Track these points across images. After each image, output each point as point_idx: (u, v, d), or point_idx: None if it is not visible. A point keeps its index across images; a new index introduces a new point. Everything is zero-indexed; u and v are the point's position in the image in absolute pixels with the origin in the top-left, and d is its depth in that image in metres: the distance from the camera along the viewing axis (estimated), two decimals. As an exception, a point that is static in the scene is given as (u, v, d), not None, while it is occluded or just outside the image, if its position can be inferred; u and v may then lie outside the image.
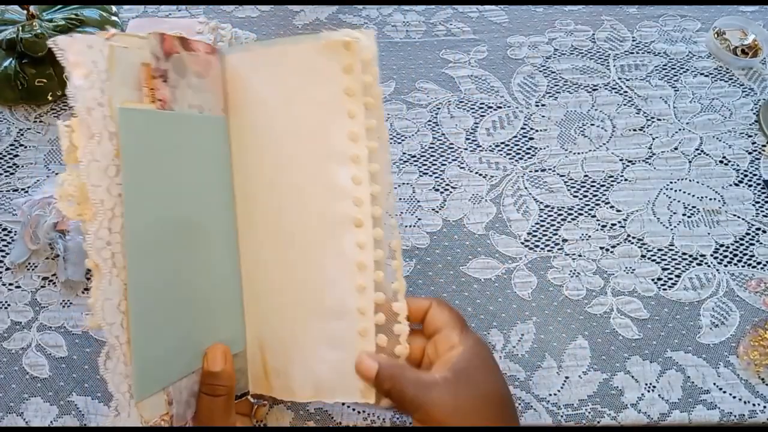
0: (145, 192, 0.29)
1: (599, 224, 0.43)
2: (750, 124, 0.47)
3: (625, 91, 0.49)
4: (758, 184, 0.45)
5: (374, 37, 0.30)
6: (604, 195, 0.44)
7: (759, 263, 0.41)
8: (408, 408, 0.29)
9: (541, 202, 0.44)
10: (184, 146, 0.31)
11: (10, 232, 0.43)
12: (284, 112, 0.32)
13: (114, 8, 0.52)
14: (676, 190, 0.44)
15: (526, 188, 0.45)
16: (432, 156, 0.46)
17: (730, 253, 0.42)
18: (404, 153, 0.46)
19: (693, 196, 0.44)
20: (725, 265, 0.41)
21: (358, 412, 0.37)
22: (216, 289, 0.33)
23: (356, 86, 0.30)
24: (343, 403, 0.37)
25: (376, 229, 0.31)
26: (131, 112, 0.28)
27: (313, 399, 0.32)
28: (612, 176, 0.45)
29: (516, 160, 0.46)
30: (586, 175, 0.45)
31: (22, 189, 0.45)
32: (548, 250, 0.42)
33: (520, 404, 0.37)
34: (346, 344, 0.31)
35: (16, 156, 0.46)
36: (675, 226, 0.43)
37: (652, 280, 0.41)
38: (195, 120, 0.32)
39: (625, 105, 0.48)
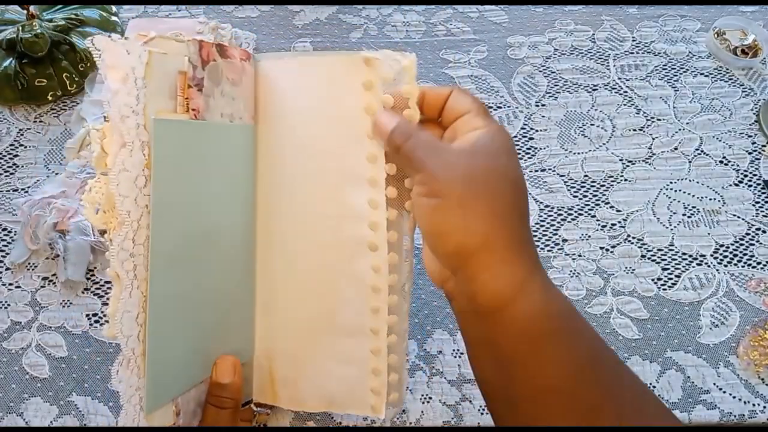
0: (173, 204, 0.29)
1: (599, 224, 0.43)
2: (750, 124, 0.47)
3: (625, 91, 0.49)
4: (758, 185, 0.45)
5: (414, 61, 0.28)
6: (604, 195, 0.44)
7: (759, 263, 0.41)
8: (414, 166, 0.26)
9: (541, 202, 0.44)
10: (214, 156, 0.31)
11: (10, 232, 0.43)
12: (307, 126, 0.32)
13: (114, 8, 0.53)
14: (676, 190, 0.44)
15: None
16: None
17: (730, 253, 0.42)
18: (404, 153, 0.46)
19: (693, 196, 0.44)
20: (725, 265, 0.41)
21: (358, 412, 0.37)
22: (231, 298, 0.32)
23: (376, 105, 0.29)
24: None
25: (391, 254, 0.30)
26: (166, 123, 0.28)
27: (321, 410, 0.33)
28: (612, 176, 0.45)
29: (516, 160, 0.46)
30: (586, 175, 0.45)
31: (22, 189, 0.45)
32: (548, 250, 0.42)
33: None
34: (358, 361, 0.31)
35: (16, 156, 0.46)
36: (675, 226, 0.43)
37: (652, 280, 0.41)
38: (226, 129, 0.31)
39: (625, 105, 0.48)
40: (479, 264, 0.24)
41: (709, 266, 0.41)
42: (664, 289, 0.41)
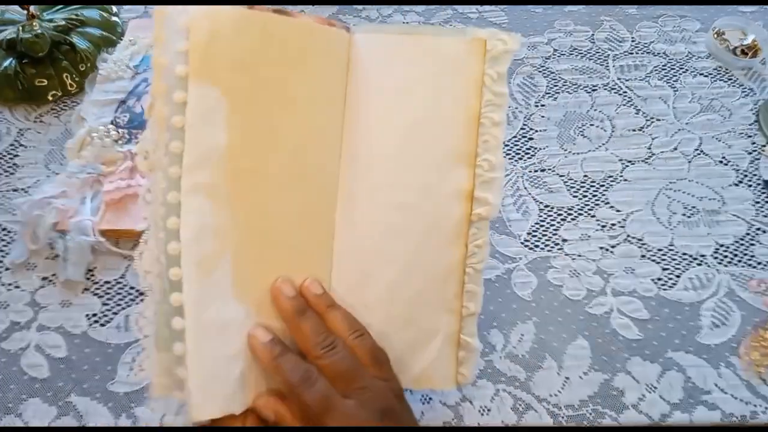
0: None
1: (599, 224, 0.43)
2: (749, 125, 0.47)
3: (625, 92, 0.49)
4: (758, 184, 0.45)
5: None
6: (604, 195, 0.44)
7: (759, 263, 0.41)
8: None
9: (541, 202, 0.44)
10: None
11: (9, 232, 0.43)
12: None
13: (114, 8, 0.53)
14: (675, 190, 0.44)
15: (525, 188, 0.45)
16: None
17: (730, 253, 0.42)
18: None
19: (693, 196, 0.44)
20: (725, 266, 0.41)
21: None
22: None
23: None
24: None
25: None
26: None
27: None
28: (611, 176, 0.45)
29: (516, 161, 0.46)
30: (585, 175, 0.45)
31: (22, 189, 0.45)
32: (548, 250, 0.42)
33: (520, 405, 0.37)
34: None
35: (16, 156, 0.46)
36: (675, 226, 0.43)
37: (652, 280, 0.41)
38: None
39: (624, 105, 0.48)
40: None
41: (709, 266, 0.41)
42: (665, 290, 0.40)
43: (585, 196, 0.44)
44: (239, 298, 0.29)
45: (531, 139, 0.47)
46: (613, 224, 0.43)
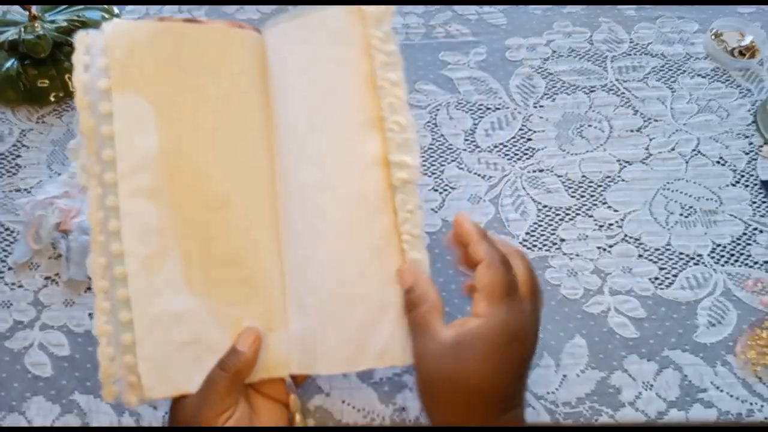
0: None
1: (597, 224, 0.43)
2: (747, 125, 0.48)
3: (623, 93, 0.49)
4: (755, 185, 0.45)
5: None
6: (602, 195, 0.45)
7: (756, 263, 0.42)
8: (411, 336, 0.30)
9: (539, 203, 0.44)
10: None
11: (12, 232, 0.43)
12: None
13: (116, 9, 0.53)
14: (673, 191, 0.45)
15: (524, 188, 0.45)
16: (431, 157, 0.47)
17: (727, 252, 0.42)
18: (403, 153, 0.47)
19: (690, 196, 0.44)
20: (722, 265, 0.42)
21: (358, 410, 0.37)
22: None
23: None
24: (343, 401, 0.37)
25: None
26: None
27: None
28: (609, 177, 0.45)
29: (514, 161, 0.46)
30: (583, 176, 0.46)
31: (25, 189, 0.45)
32: (546, 250, 0.42)
33: (518, 403, 0.37)
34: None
35: (19, 156, 0.47)
36: (672, 226, 0.43)
37: (650, 279, 0.41)
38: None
39: (622, 106, 0.49)
40: None
41: (706, 266, 0.42)
42: (662, 289, 0.41)
43: (583, 197, 0.45)
44: (192, 290, 0.31)
45: (529, 139, 0.47)
46: (611, 224, 0.43)
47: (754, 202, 0.44)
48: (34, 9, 0.49)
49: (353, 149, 0.31)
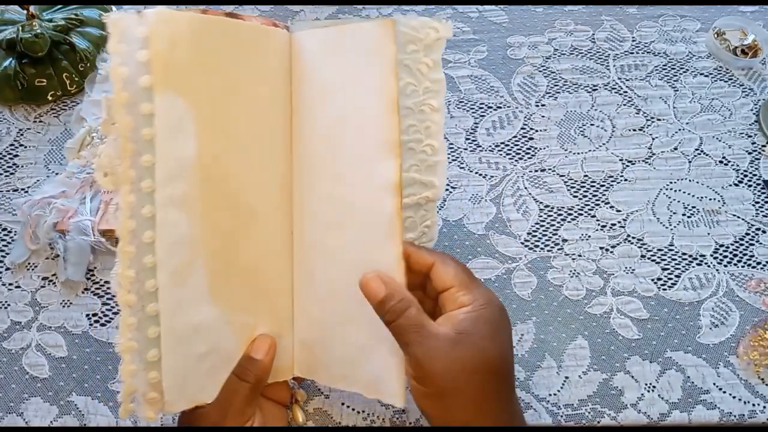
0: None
1: (599, 224, 0.43)
2: (750, 125, 0.47)
3: (625, 91, 0.49)
4: (758, 184, 0.45)
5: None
6: (604, 195, 0.44)
7: (759, 263, 0.41)
8: (402, 347, 0.28)
9: (541, 202, 0.44)
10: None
11: (10, 232, 0.43)
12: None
13: (114, 8, 0.53)
14: (675, 190, 0.44)
15: (525, 188, 0.45)
16: (432, 156, 0.46)
17: (730, 253, 0.42)
18: (404, 153, 0.46)
19: (693, 196, 0.44)
20: (725, 265, 0.41)
21: (358, 412, 0.37)
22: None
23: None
24: (343, 403, 0.37)
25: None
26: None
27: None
28: (612, 176, 0.45)
29: (516, 160, 0.46)
30: (585, 175, 0.45)
31: (22, 189, 0.45)
32: (548, 250, 0.42)
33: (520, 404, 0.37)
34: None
35: (16, 156, 0.46)
36: (675, 226, 0.43)
37: (652, 280, 0.41)
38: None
39: (624, 105, 0.48)
40: None
41: (708, 266, 0.41)
42: (664, 289, 0.41)
43: (585, 196, 0.44)
44: (214, 301, 0.30)
45: (531, 138, 0.47)
46: (613, 224, 0.43)
47: (757, 202, 0.44)
48: (32, 8, 0.48)
49: (371, 170, 0.31)
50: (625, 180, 0.45)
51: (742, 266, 0.41)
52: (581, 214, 0.44)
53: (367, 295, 0.29)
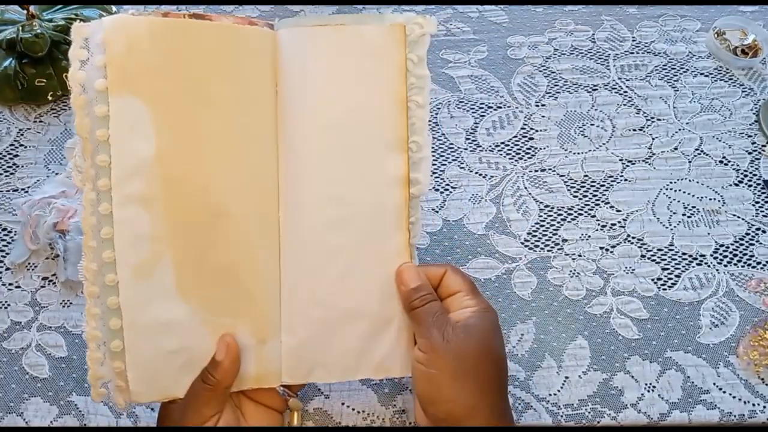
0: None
1: (599, 224, 0.43)
2: (750, 124, 0.47)
3: (625, 91, 0.49)
4: (758, 184, 0.45)
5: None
6: (604, 195, 0.44)
7: (759, 263, 0.41)
8: (420, 331, 0.30)
9: (541, 202, 0.44)
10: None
11: (10, 232, 0.43)
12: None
13: (114, 8, 0.53)
14: (675, 190, 0.44)
15: (525, 188, 0.45)
16: (432, 156, 0.46)
17: (730, 253, 0.42)
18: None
19: (693, 196, 0.44)
20: (725, 265, 0.41)
21: (358, 412, 0.37)
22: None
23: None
24: (343, 403, 0.37)
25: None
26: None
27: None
28: (612, 176, 0.45)
29: (516, 160, 0.46)
30: (585, 175, 0.45)
31: (22, 189, 0.45)
32: (548, 250, 0.42)
33: (519, 404, 0.37)
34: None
35: (16, 156, 0.46)
36: (675, 226, 0.43)
37: (652, 280, 0.41)
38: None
39: (625, 105, 0.48)
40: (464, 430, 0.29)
41: (709, 266, 0.41)
42: (664, 289, 0.41)
43: (585, 196, 0.44)
44: (184, 298, 0.30)
45: (531, 138, 0.47)
46: (613, 224, 0.43)
47: (757, 202, 0.44)
48: (32, 8, 0.48)
49: (377, 167, 0.32)
50: (625, 180, 0.45)
51: (742, 266, 0.41)
52: (581, 214, 0.44)
53: (401, 280, 0.32)
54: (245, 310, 0.32)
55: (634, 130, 0.47)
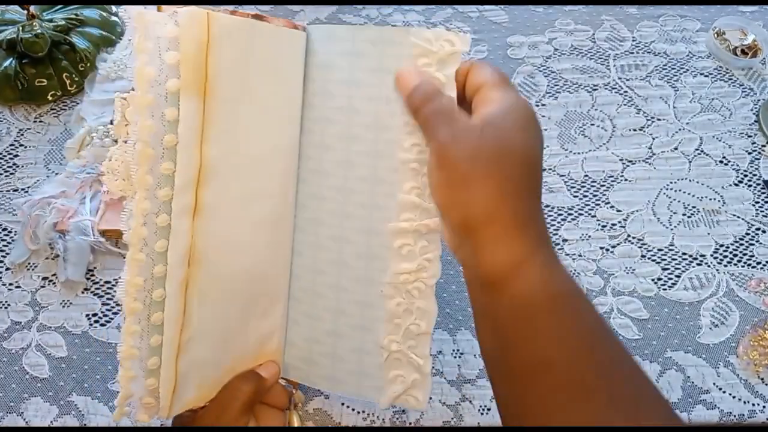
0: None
1: (599, 224, 0.43)
2: (750, 124, 0.47)
3: (625, 91, 0.49)
4: (758, 184, 0.45)
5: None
6: (604, 195, 0.44)
7: (759, 263, 0.41)
8: (428, 133, 0.27)
9: (542, 202, 0.44)
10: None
11: (10, 232, 0.43)
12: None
13: (114, 8, 0.53)
14: (676, 190, 0.44)
15: (526, 188, 0.45)
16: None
17: (730, 253, 0.42)
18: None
19: (693, 196, 0.44)
20: (725, 265, 0.41)
21: (358, 412, 0.37)
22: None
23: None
24: (343, 403, 0.37)
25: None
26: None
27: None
28: (612, 176, 0.45)
29: (516, 160, 0.46)
30: (586, 175, 0.45)
31: (22, 189, 0.45)
32: (548, 250, 0.42)
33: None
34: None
35: (16, 156, 0.46)
36: (675, 226, 0.43)
37: (652, 280, 0.41)
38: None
39: (625, 105, 0.48)
40: (483, 238, 0.25)
41: (709, 266, 0.41)
42: (664, 289, 0.41)
43: (585, 196, 0.44)
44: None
45: (531, 138, 0.47)
46: (614, 224, 0.43)
47: (757, 202, 0.44)
48: (32, 8, 0.48)
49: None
50: (626, 180, 0.45)
51: (742, 266, 0.41)
52: (581, 214, 0.44)
53: (400, 86, 0.28)
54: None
55: (634, 130, 0.47)
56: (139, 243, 0.27)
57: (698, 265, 0.41)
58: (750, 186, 0.44)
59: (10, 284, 0.41)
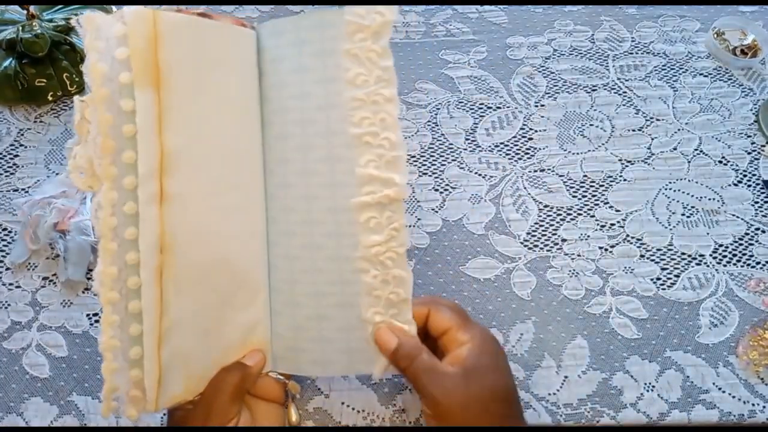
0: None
1: (598, 224, 0.43)
2: (749, 125, 0.47)
3: (624, 92, 0.49)
4: (757, 184, 0.45)
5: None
6: (603, 195, 0.44)
7: (758, 263, 0.41)
8: (418, 391, 0.30)
9: (541, 202, 0.44)
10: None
11: (10, 232, 0.43)
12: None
13: (114, 8, 0.53)
14: (675, 190, 0.45)
15: (525, 188, 0.45)
16: (431, 156, 0.46)
17: (729, 253, 0.42)
18: (404, 153, 0.46)
19: (692, 196, 0.44)
20: (724, 265, 0.41)
21: (358, 412, 0.37)
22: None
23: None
24: (343, 402, 0.37)
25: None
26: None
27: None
28: (611, 176, 0.45)
29: (515, 161, 0.46)
30: (585, 175, 0.45)
31: (23, 189, 0.45)
32: (547, 250, 0.42)
33: (519, 404, 0.37)
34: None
35: (17, 156, 0.46)
36: (674, 226, 0.43)
37: (651, 279, 0.41)
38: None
39: (624, 105, 0.48)
40: None
41: (708, 266, 0.41)
42: (663, 289, 0.41)
43: (584, 196, 0.44)
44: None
45: (530, 139, 0.47)
46: (613, 224, 0.43)
47: (756, 202, 0.44)
48: (32, 8, 0.48)
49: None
50: (625, 180, 0.45)
51: (742, 266, 0.41)
52: (580, 214, 0.44)
53: (381, 348, 0.31)
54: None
55: (634, 130, 0.47)
56: (110, 233, 0.28)
57: (697, 265, 0.41)
58: (749, 186, 0.45)
59: (11, 284, 0.41)
